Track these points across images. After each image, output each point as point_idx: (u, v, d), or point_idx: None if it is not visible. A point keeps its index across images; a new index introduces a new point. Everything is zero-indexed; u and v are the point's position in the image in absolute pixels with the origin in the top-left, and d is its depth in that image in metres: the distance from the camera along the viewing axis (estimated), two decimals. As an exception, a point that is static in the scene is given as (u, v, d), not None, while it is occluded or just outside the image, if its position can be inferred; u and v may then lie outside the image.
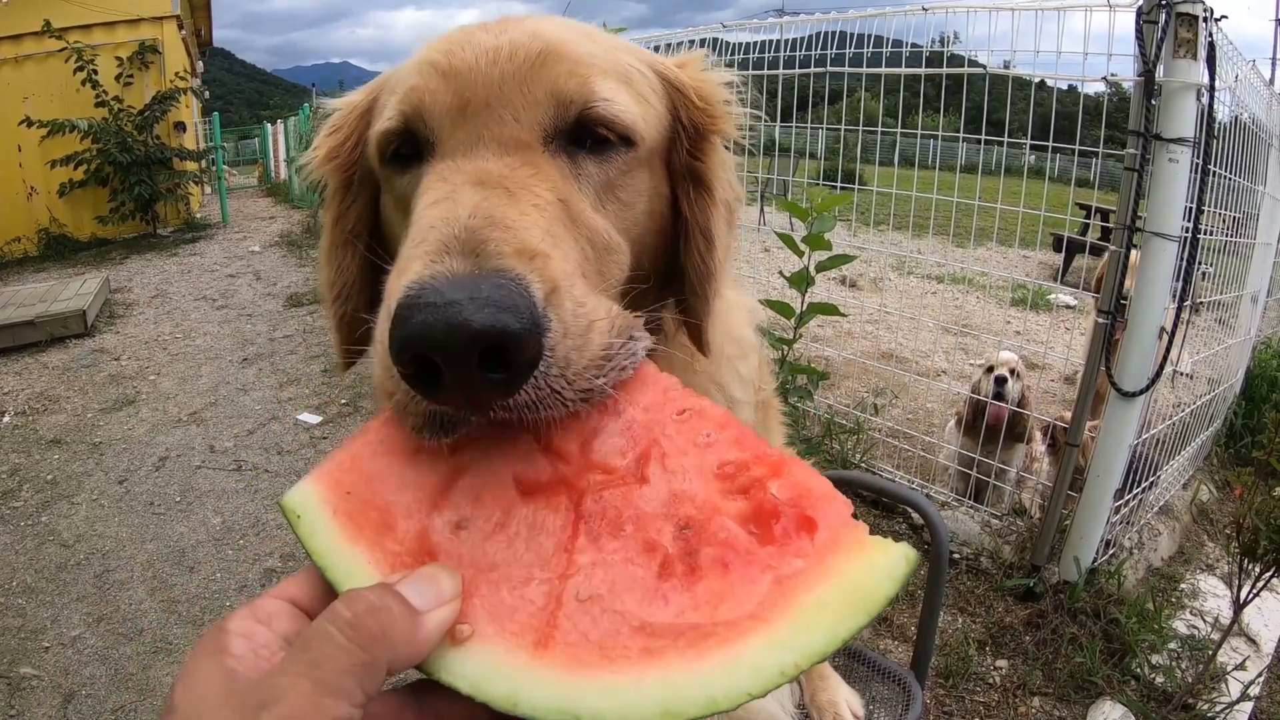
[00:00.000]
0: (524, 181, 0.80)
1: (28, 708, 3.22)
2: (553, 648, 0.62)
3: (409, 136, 0.90)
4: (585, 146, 0.89)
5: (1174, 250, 3.18)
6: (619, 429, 0.76)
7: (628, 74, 0.96)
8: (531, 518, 0.69)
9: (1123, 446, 3.38)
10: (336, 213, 1.09)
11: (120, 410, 6.28)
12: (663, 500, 0.71)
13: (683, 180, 1.02)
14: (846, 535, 0.67)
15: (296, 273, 11.36)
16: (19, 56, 13.73)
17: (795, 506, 0.69)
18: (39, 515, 4.68)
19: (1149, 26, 3.09)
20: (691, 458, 0.74)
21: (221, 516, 4.61)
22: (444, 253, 0.69)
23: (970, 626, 3.45)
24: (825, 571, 0.65)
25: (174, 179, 14.85)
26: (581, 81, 0.87)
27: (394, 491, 0.70)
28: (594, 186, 0.89)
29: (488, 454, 0.72)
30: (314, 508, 0.69)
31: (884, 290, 9.05)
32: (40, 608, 3.83)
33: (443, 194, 0.78)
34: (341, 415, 6.06)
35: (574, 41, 0.91)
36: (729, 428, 0.77)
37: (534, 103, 0.86)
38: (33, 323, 8.01)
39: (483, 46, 0.87)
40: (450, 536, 0.67)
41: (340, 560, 0.66)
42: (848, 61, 4.61)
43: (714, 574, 0.66)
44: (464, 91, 0.85)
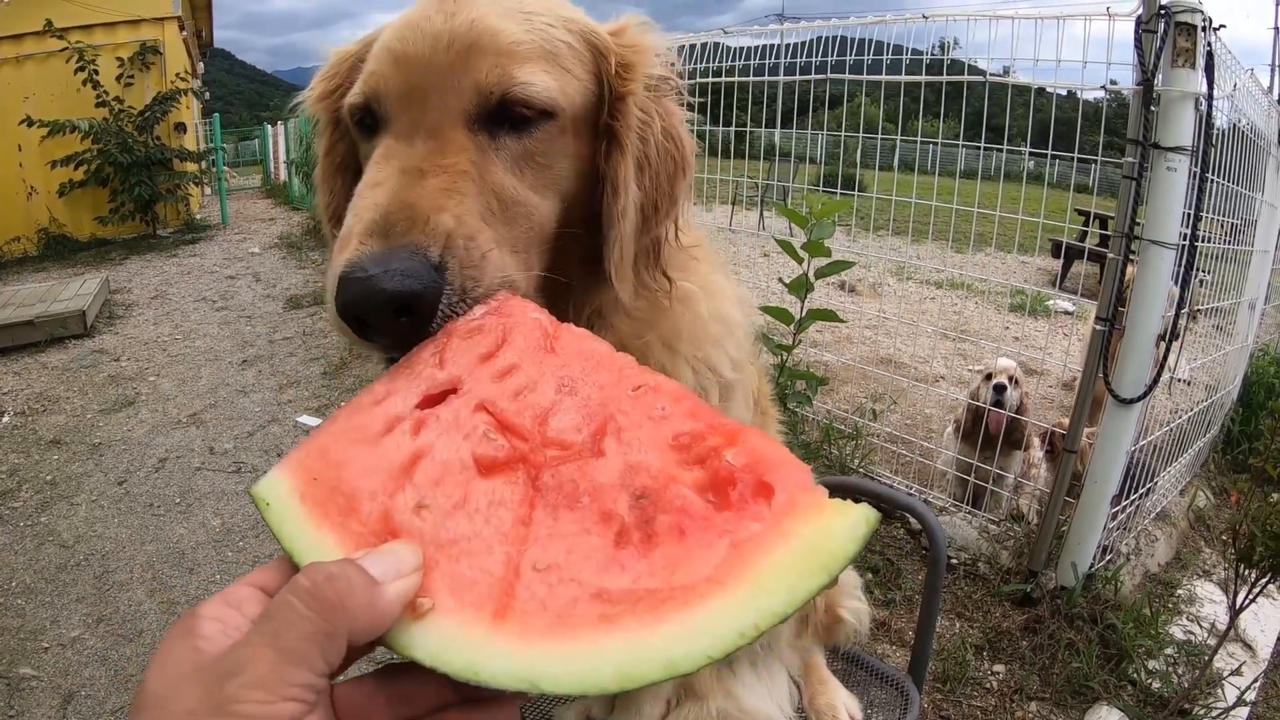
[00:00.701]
0: (441, 164, 0.96)
1: (27, 708, 3.21)
2: (510, 617, 0.63)
3: (369, 111, 1.05)
4: (505, 125, 1.02)
5: (1171, 258, 3.19)
6: (575, 406, 0.78)
7: (555, 51, 1.07)
8: (490, 494, 0.70)
9: (1120, 453, 3.39)
10: (327, 144, 1.24)
11: (120, 411, 6.28)
12: (619, 471, 0.72)
13: (602, 137, 1.13)
14: (804, 499, 0.68)
15: (296, 275, 11.36)
16: (20, 56, 13.72)
17: (751, 473, 0.70)
18: (38, 516, 4.68)
19: (1148, 35, 3.11)
20: (647, 430, 0.76)
21: (221, 518, 4.60)
22: (368, 235, 0.88)
23: (968, 631, 3.46)
24: (783, 534, 0.65)
25: (174, 180, 14.84)
26: (501, 72, 1.00)
27: (359, 476, 0.71)
28: (511, 156, 1.03)
29: (448, 435, 0.74)
30: (282, 495, 0.70)
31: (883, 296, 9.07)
32: (39, 608, 3.83)
33: (377, 179, 0.95)
34: (342, 417, 6.00)
35: (505, 31, 1.02)
36: (683, 400, 0.79)
37: (458, 92, 1.00)
38: (32, 323, 7.99)
39: (431, 34, 1.01)
40: (412, 515, 0.68)
41: (307, 543, 0.67)
42: (848, 68, 4.62)
43: (670, 540, 0.67)
44: (410, 79, 1.01)
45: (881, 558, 3.88)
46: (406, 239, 0.88)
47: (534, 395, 0.78)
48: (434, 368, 0.81)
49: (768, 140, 5.87)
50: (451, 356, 0.82)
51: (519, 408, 0.77)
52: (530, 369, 0.81)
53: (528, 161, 1.05)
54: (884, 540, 4.03)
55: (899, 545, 4.00)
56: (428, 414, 0.76)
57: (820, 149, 5.82)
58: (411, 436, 0.74)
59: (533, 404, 0.77)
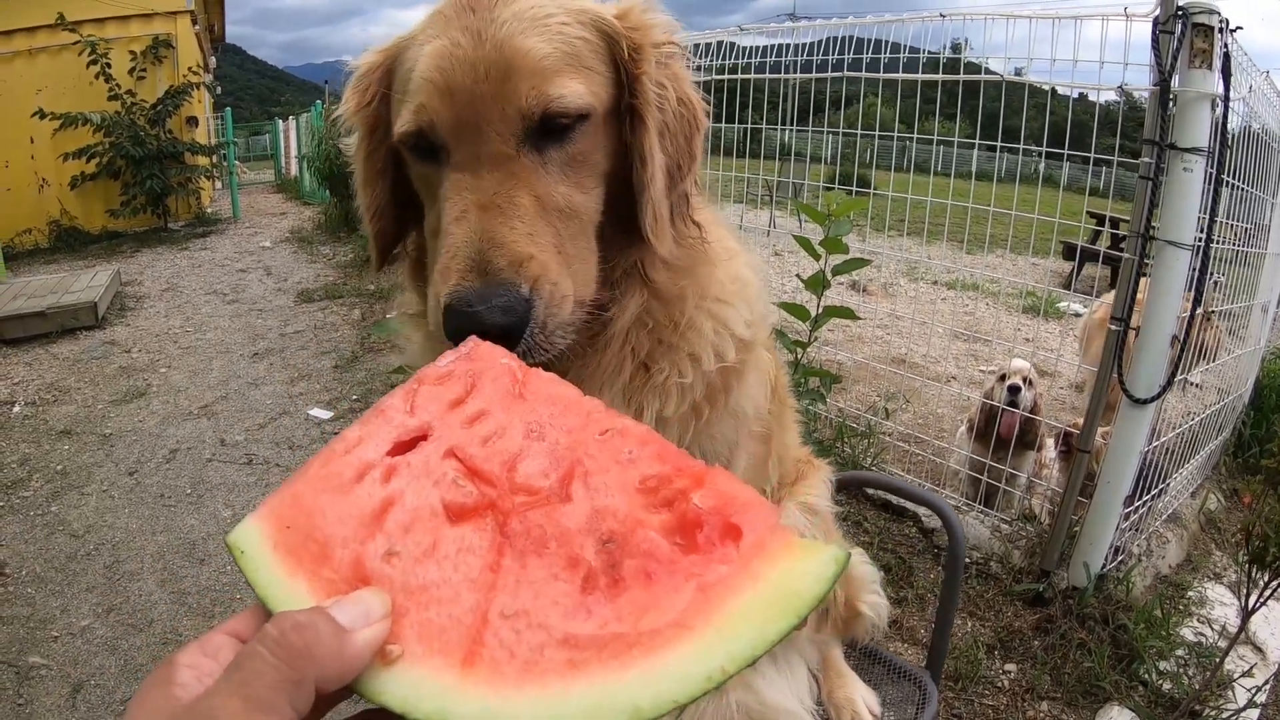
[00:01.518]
0: (511, 197, 1.10)
1: (36, 697, 3.23)
2: (479, 664, 0.64)
3: (422, 140, 1.16)
4: (549, 135, 1.15)
5: (1187, 258, 3.18)
6: (543, 451, 0.78)
7: (576, 53, 1.17)
8: (459, 541, 0.71)
9: (1133, 453, 3.38)
10: (366, 151, 1.32)
11: (131, 402, 6.30)
12: (585, 516, 0.72)
13: (625, 114, 1.24)
14: (773, 540, 0.68)
15: (308, 269, 11.39)
16: (33, 49, 13.77)
17: (719, 514, 0.70)
18: (49, 505, 4.69)
19: (1165, 36, 3.10)
20: (614, 474, 0.76)
21: (232, 509, 4.61)
22: (468, 271, 1.05)
23: (979, 630, 3.46)
24: (751, 576, 0.66)
25: (185, 173, 14.88)
26: (539, 93, 1.12)
27: (331, 524, 0.72)
28: (558, 164, 1.16)
29: (418, 481, 0.75)
30: (256, 543, 0.71)
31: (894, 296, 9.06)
32: (49, 597, 3.84)
33: (460, 211, 1.10)
34: (353, 410, 6.05)
35: (532, 49, 1.12)
36: (650, 444, 0.79)
37: (506, 119, 1.11)
38: (44, 314, 8.02)
39: (467, 63, 1.11)
40: (382, 563, 0.69)
41: (280, 591, 0.68)
42: (864, 66, 4.61)
43: (637, 585, 0.67)
44: (459, 113, 1.12)
45: (894, 555, 3.87)
46: (502, 277, 1.05)
47: (502, 441, 0.79)
48: (405, 414, 0.82)
49: (779, 140, 5.86)
50: (422, 403, 0.83)
51: (488, 454, 0.78)
52: (499, 415, 0.83)
53: (572, 164, 1.17)
54: (896, 539, 4.03)
55: (911, 543, 3.99)
56: (399, 461, 0.77)
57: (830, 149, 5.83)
58: (382, 484, 0.75)
59: (501, 450, 0.78)
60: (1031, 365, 4.63)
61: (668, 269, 1.32)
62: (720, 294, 1.40)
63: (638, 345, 1.32)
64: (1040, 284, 5.44)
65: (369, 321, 8.38)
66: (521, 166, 1.13)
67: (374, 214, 1.34)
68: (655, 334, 1.33)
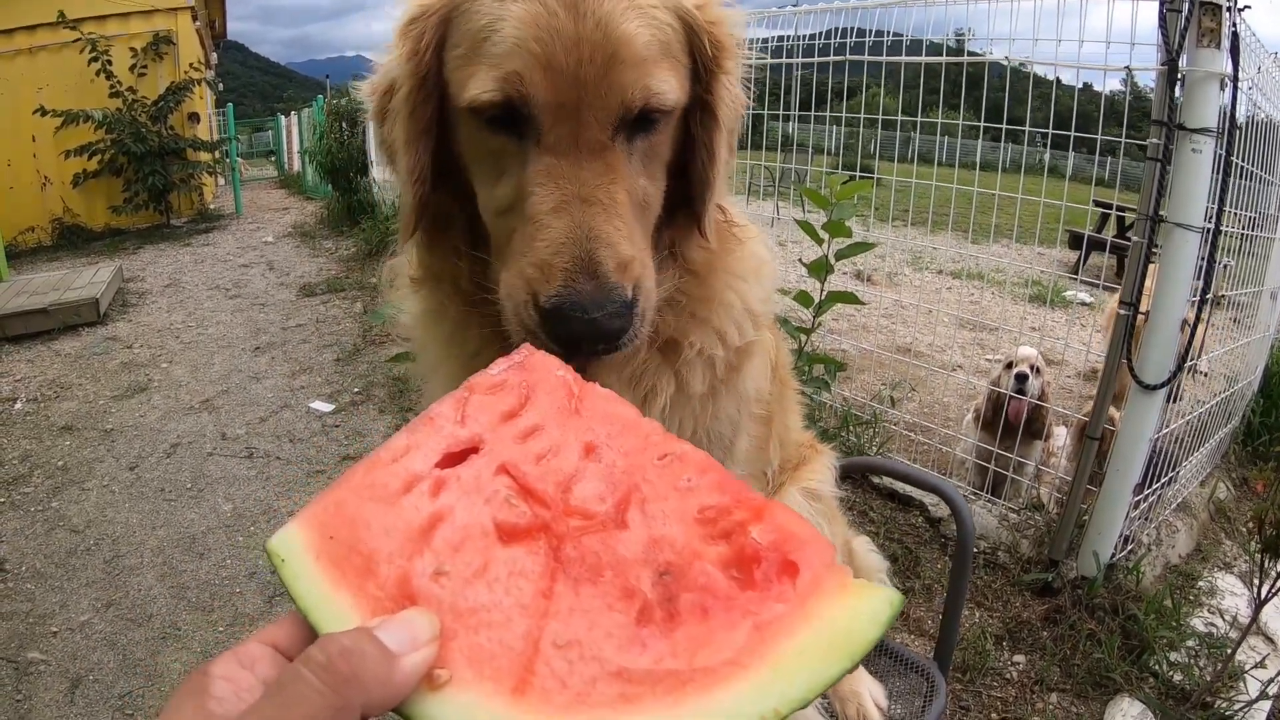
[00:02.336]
0: (609, 192, 1.08)
1: (35, 692, 3.22)
2: (530, 693, 0.62)
3: (510, 110, 1.08)
4: (640, 126, 1.13)
5: (1196, 241, 3.16)
6: (599, 473, 0.77)
7: (668, 43, 1.13)
8: (511, 563, 0.69)
9: (1143, 440, 3.36)
10: (411, 107, 1.20)
11: (132, 397, 6.31)
12: (642, 546, 0.71)
13: (695, 109, 1.22)
14: (829, 579, 0.68)
15: (310, 263, 11.41)
16: (33, 47, 13.80)
17: (777, 551, 0.70)
18: (49, 501, 4.69)
19: (1172, 15, 3.07)
20: (672, 502, 0.75)
21: (233, 503, 4.61)
22: (576, 271, 1.02)
23: (988, 621, 3.44)
24: (806, 616, 0.65)
25: (188, 170, 14.92)
26: (644, 87, 1.08)
27: (376, 537, 0.70)
28: (640, 156, 1.14)
29: (468, 498, 0.73)
30: (298, 552, 0.69)
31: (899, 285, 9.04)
32: (49, 592, 3.84)
33: (558, 202, 1.06)
34: (354, 404, 6.07)
35: (636, 36, 1.07)
36: (709, 472, 0.78)
37: (609, 109, 1.07)
38: (46, 310, 8.03)
39: (570, 38, 1.04)
40: (430, 582, 0.67)
41: (322, 604, 0.66)
42: (867, 50, 4.57)
43: (693, 620, 0.67)
44: (560, 93, 1.05)
45: (900, 545, 3.86)
46: (613, 281, 1.03)
47: (557, 460, 0.78)
48: (455, 424, 0.79)
49: (783, 131, 5.84)
50: (473, 413, 0.81)
51: (542, 472, 0.76)
52: (554, 431, 0.81)
53: (649, 155, 1.17)
54: (902, 528, 4.01)
55: (917, 534, 3.97)
56: (448, 474, 0.75)
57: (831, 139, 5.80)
58: (431, 497, 0.73)
59: (556, 469, 0.77)
60: (1039, 353, 4.59)
61: (703, 249, 1.32)
62: (741, 270, 1.41)
63: (662, 324, 1.29)
64: (1047, 272, 5.42)
65: (370, 314, 8.39)
66: (616, 157, 1.10)
67: (416, 178, 1.24)
68: (688, 309, 1.32)
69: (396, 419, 5.73)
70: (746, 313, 1.39)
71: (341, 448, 5.33)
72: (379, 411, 5.92)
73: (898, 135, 4.94)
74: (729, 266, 1.38)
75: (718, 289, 1.35)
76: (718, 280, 1.36)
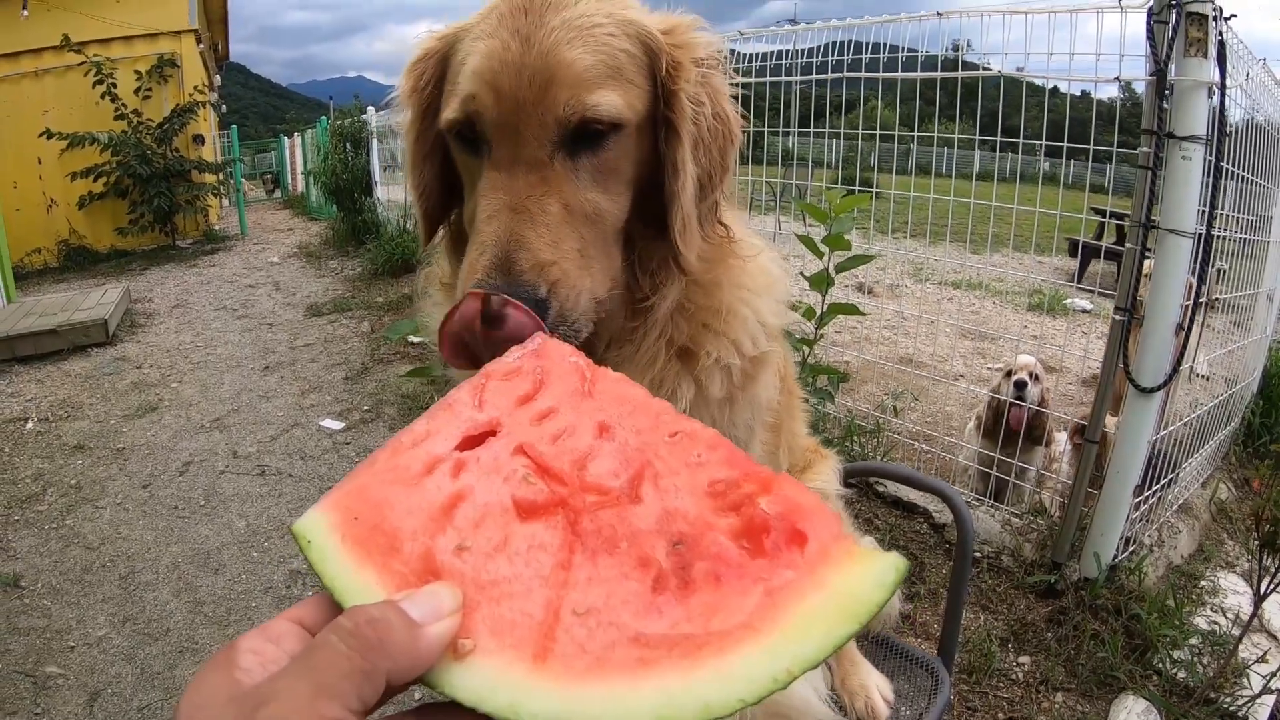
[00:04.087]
0: (540, 203, 1.16)
1: (53, 706, 3.27)
2: (551, 659, 0.64)
3: (469, 128, 1.21)
4: (583, 142, 1.20)
5: (1189, 246, 3.21)
6: (613, 451, 0.79)
7: (618, 66, 1.23)
8: (530, 537, 0.71)
9: (1141, 443, 3.40)
10: (416, 134, 1.38)
11: (143, 417, 6.36)
12: (656, 518, 0.73)
13: (661, 127, 1.29)
14: (836, 547, 0.69)
15: (316, 283, 11.49)
16: (39, 70, 13.99)
17: (785, 520, 0.71)
18: (63, 519, 4.74)
19: (1160, 26, 3.13)
20: (683, 477, 0.77)
21: (246, 520, 4.67)
22: (493, 269, 1.10)
23: (993, 624, 3.48)
24: (815, 582, 0.67)
25: (193, 191, 15.05)
26: (577, 102, 1.17)
27: (400, 516, 0.72)
28: (589, 171, 1.21)
29: (488, 478, 0.75)
30: (323, 533, 0.71)
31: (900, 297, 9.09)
32: (66, 608, 3.89)
33: (492, 210, 1.16)
34: (364, 421, 6.13)
35: (576, 60, 1.18)
36: (719, 448, 0.81)
37: (545, 126, 1.17)
38: (55, 331, 8.11)
39: (515, 66, 1.17)
40: (453, 557, 0.69)
41: (348, 581, 0.68)
42: (864, 67, 4.63)
43: (707, 587, 0.68)
44: (503, 113, 1.17)
45: (905, 552, 3.88)
46: (524, 279, 1.10)
47: (572, 439, 0.80)
48: (473, 409, 0.82)
49: (783, 146, 5.88)
50: (490, 398, 0.84)
51: (558, 451, 0.78)
52: (568, 413, 0.83)
53: (602, 171, 1.23)
54: (907, 535, 4.05)
55: (922, 539, 4.01)
56: (468, 456, 0.78)
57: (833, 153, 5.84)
58: (452, 478, 0.75)
59: (571, 448, 0.79)
60: (1038, 360, 4.65)
61: (700, 259, 1.37)
62: (752, 285, 1.47)
63: (676, 332, 1.37)
64: (1046, 281, 5.46)
65: (378, 334, 8.45)
66: (554, 173, 1.19)
67: (421, 193, 1.41)
68: (699, 318, 1.39)
69: (407, 436, 5.74)
70: (760, 325, 1.45)
71: (352, 464, 5.23)
72: (389, 429, 5.93)
73: (896, 148, 4.98)
74: (740, 281, 1.45)
75: (729, 302, 1.42)
76: (728, 294, 1.42)
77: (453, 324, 1.04)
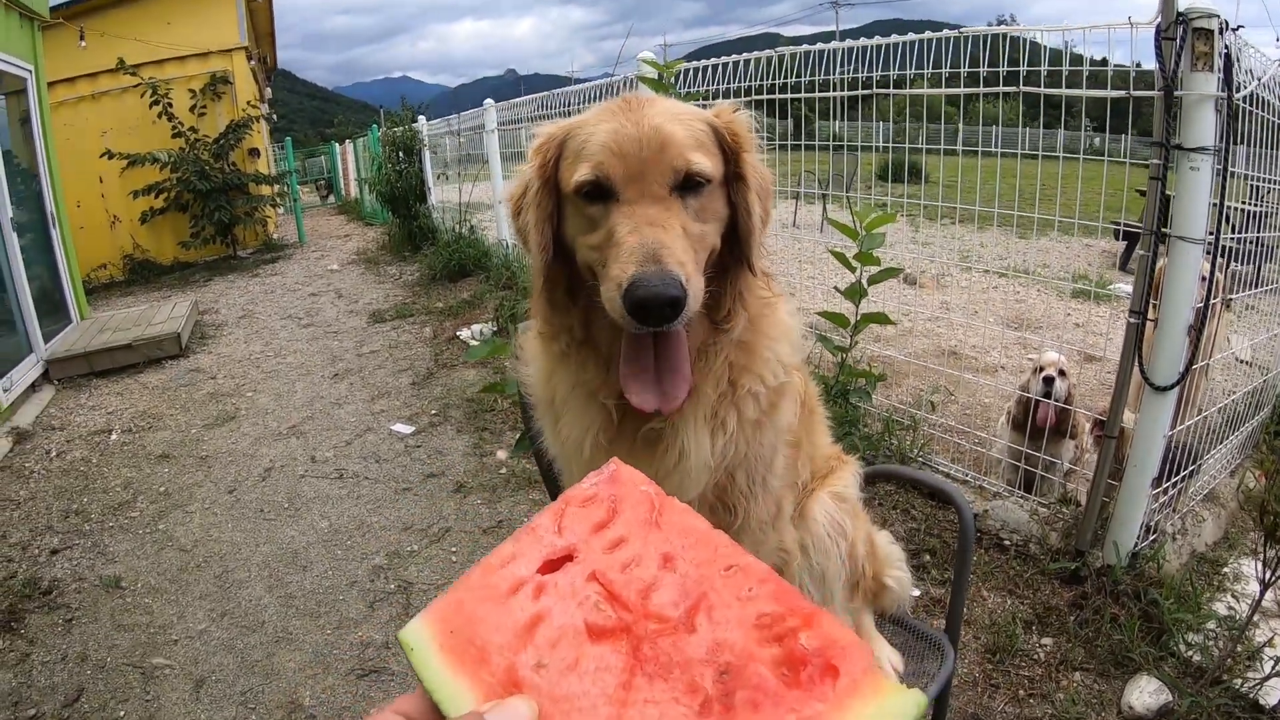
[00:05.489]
0: (667, 221, 1.49)
1: (162, 693, 3.51)
2: None
3: (597, 186, 1.54)
4: (687, 189, 1.55)
5: (1199, 252, 3.36)
6: (674, 582, 0.86)
7: (701, 140, 1.60)
8: (598, 659, 0.79)
9: (1158, 437, 3.56)
10: (539, 199, 1.67)
11: (222, 425, 6.68)
12: (706, 648, 0.80)
13: (731, 182, 1.67)
14: (866, 681, 0.75)
15: (376, 289, 11.78)
16: (96, 93, 14.56)
17: (821, 655, 0.78)
18: (156, 523, 5.03)
19: (1167, 43, 3.26)
20: (734, 610, 0.84)
21: (328, 520, 4.93)
22: (646, 260, 1.40)
23: (1018, 607, 3.66)
24: (842, 713, 0.73)
25: (251, 203, 15.51)
26: (685, 160, 1.54)
27: (489, 631, 0.80)
28: (692, 210, 1.56)
29: (564, 602, 0.83)
30: (425, 643, 0.80)
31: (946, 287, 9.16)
32: (166, 606, 4.14)
33: (632, 228, 1.47)
34: (432, 425, 6.36)
35: (678, 133, 1.55)
36: (768, 583, 0.87)
37: (664, 174, 1.53)
38: (130, 346, 8.53)
39: (633, 138, 1.53)
40: (532, 672, 0.77)
41: (445, 688, 0.76)
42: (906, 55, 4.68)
43: (745, 712, 0.74)
44: (629, 167, 1.52)
45: (939, 540, 4.10)
46: (670, 266, 1.40)
47: (639, 569, 0.87)
48: (554, 534, 0.90)
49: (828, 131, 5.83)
50: (569, 524, 0.92)
51: (626, 580, 0.86)
52: (637, 542, 0.91)
53: (700, 209, 1.58)
54: (941, 524, 4.24)
55: (955, 529, 4.17)
56: (548, 579, 0.85)
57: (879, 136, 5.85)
58: (533, 599, 0.83)
59: (638, 578, 0.86)
60: (1063, 356, 4.79)
61: (749, 319, 1.75)
62: (772, 333, 1.80)
63: (735, 360, 1.73)
64: (1092, 266, 5.45)
65: (440, 338, 8.69)
66: (672, 204, 1.53)
67: (541, 247, 1.68)
68: (741, 363, 1.74)
69: (474, 438, 6.03)
70: (779, 364, 1.79)
71: (425, 466, 5.68)
72: (456, 431, 6.25)
73: (943, 128, 4.99)
74: (765, 331, 1.79)
75: (759, 349, 1.76)
76: (760, 343, 1.77)
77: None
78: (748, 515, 1.82)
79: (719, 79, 5.51)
